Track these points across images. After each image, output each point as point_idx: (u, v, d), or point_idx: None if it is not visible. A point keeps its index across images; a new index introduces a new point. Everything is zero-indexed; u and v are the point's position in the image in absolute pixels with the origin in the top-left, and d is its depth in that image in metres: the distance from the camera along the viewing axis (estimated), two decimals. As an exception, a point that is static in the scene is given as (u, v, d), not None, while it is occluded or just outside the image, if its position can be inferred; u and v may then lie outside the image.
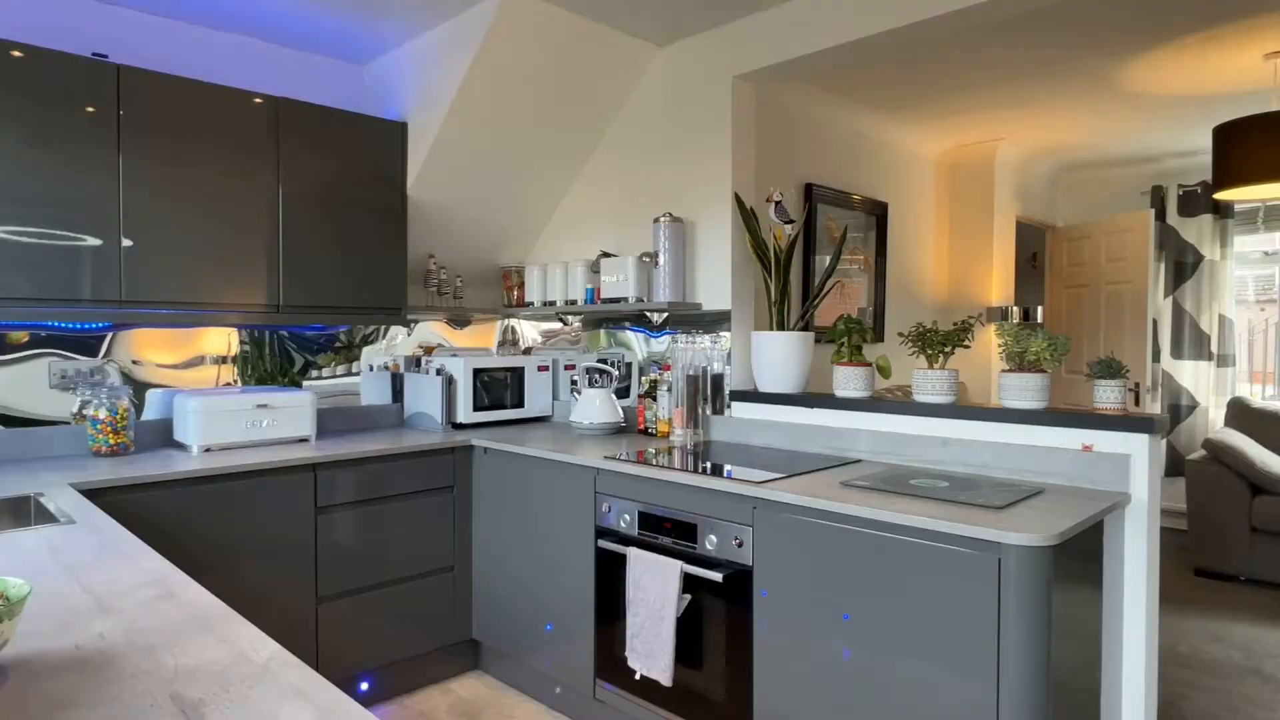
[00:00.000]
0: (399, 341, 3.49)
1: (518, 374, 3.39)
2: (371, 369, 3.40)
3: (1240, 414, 4.59)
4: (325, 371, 3.27)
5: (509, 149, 3.20)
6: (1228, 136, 3.30)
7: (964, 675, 1.68)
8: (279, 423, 2.76)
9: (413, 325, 3.54)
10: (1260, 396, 5.22)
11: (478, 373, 3.24)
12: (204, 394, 2.68)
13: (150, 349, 2.82)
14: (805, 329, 2.92)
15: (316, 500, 2.58)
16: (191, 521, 2.32)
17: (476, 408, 3.23)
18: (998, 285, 4.74)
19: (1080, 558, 1.84)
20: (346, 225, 2.94)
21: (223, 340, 2.99)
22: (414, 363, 3.50)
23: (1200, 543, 4.12)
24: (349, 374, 3.34)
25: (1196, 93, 3.75)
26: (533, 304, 3.47)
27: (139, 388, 2.78)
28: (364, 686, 2.73)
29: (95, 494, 2.16)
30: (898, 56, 3.33)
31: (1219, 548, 4.06)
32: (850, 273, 4.24)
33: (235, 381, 3.02)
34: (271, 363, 3.12)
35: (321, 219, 2.87)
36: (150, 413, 2.80)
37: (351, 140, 2.94)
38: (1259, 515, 3.94)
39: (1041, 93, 3.78)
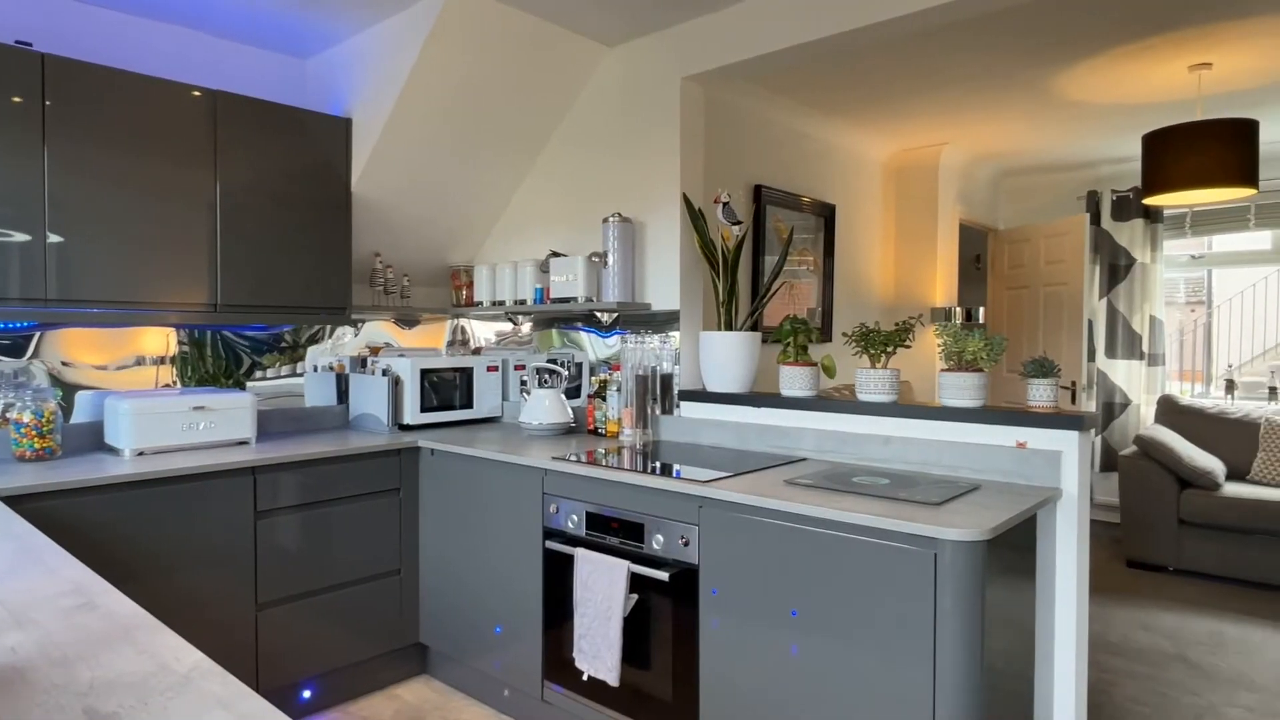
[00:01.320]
0: (346, 341, 3.43)
1: (466, 374, 3.36)
2: (316, 369, 3.33)
3: (1169, 411, 4.78)
4: (270, 372, 3.19)
5: (456, 147, 3.16)
6: (1156, 144, 3.44)
7: (904, 667, 1.71)
8: (217, 425, 2.69)
9: (359, 325, 3.48)
10: (1190, 394, 5.44)
11: (425, 373, 3.20)
12: (137, 396, 2.59)
13: (81, 349, 2.71)
14: (754, 329, 2.95)
15: (256, 504, 2.51)
16: (123, 528, 2.24)
17: (424, 409, 3.19)
18: (942, 286, 4.85)
19: (1014, 551, 1.89)
20: (288, 223, 2.87)
21: (161, 340, 2.90)
22: (360, 363, 3.44)
23: (1132, 535, 4.28)
24: (294, 374, 3.26)
25: (1127, 102, 3.89)
26: (482, 304, 3.44)
27: (69, 390, 2.68)
28: (306, 694, 2.67)
29: (16, 501, 2.07)
30: (845, 61, 3.39)
31: (1149, 540, 4.22)
32: (799, 273, 4.29)
33: (175, 383, 2.93)
34: (215, 364, 3.03)
35: (262, 216, 2.80)
36: (80, 415, 2.70)
37: (293, 136, 2.87)
38: (1186, 508, 4.10)
39: (983, 99, 3.88)
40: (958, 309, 4.80)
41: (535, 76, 3.08)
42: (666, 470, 2.28)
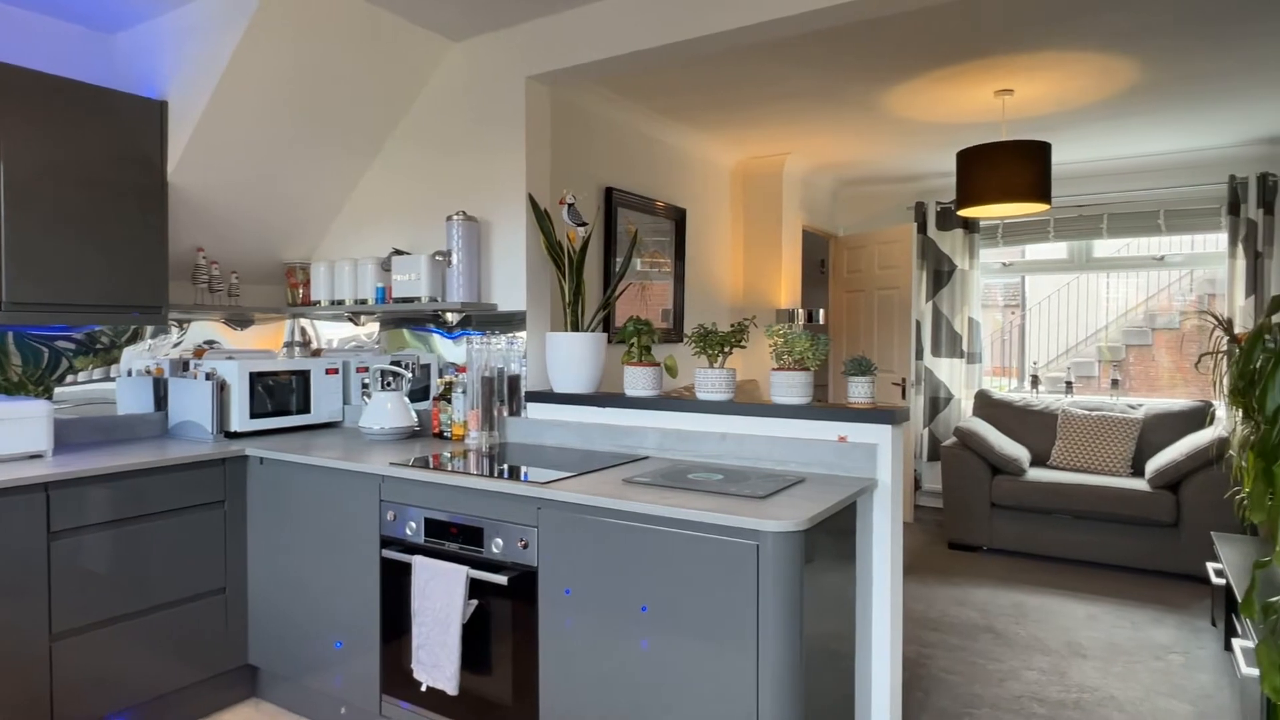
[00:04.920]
0: (171, 342, 3.16)
1: (303, 377, 3.18)
2: (130, 374, 3.05)
3: (984, 404, 5.25)
4: (82, 376, 2.90)
5: (289, 137, 2.99)
6: (967, 161, 3.76)
7: (734, 653, 1.78)
8: (2, 437, 2.40)
9: (185, 325, 3.22)
10: (1006, 389, 5.99)
11: (256, 377, 3.00)
12: (-101, 406, 2.27)
13: None
14: (605, 329, 2.98)
15: (49, 524, 2.27)
16: (-123, 557, 1.96)
17: (255, 414, 3.00)
18: (786, 288, 5.09)
19: (835, 538, 2.01)
20: (92, 213, 2.61)
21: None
22: (181, 366, 3.19)
23: (952, 519, 4.66)
24: (107, 379, 2.98)
25: (945, 121, 4.23)
26: (320, 303, 3.27)
27: None
28: (114, 729, 2.44)
29: None
30: (691, 68, 3.49)
31: (966, 522, 4.62)
32: (652, 275, 4.38)
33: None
34: (26, 369, 2.72)
35: (59, 205, 2.53)
36: None
37: (97, 118, 2.62)
38: (997, 492, 4.52)
39: (820, 112, 4.11)
40: (800, 310, 5.06)
41: (374, 67, 2.96)
42: (514, 473, 2.25)
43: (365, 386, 3.33)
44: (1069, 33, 3.05)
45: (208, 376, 2.96)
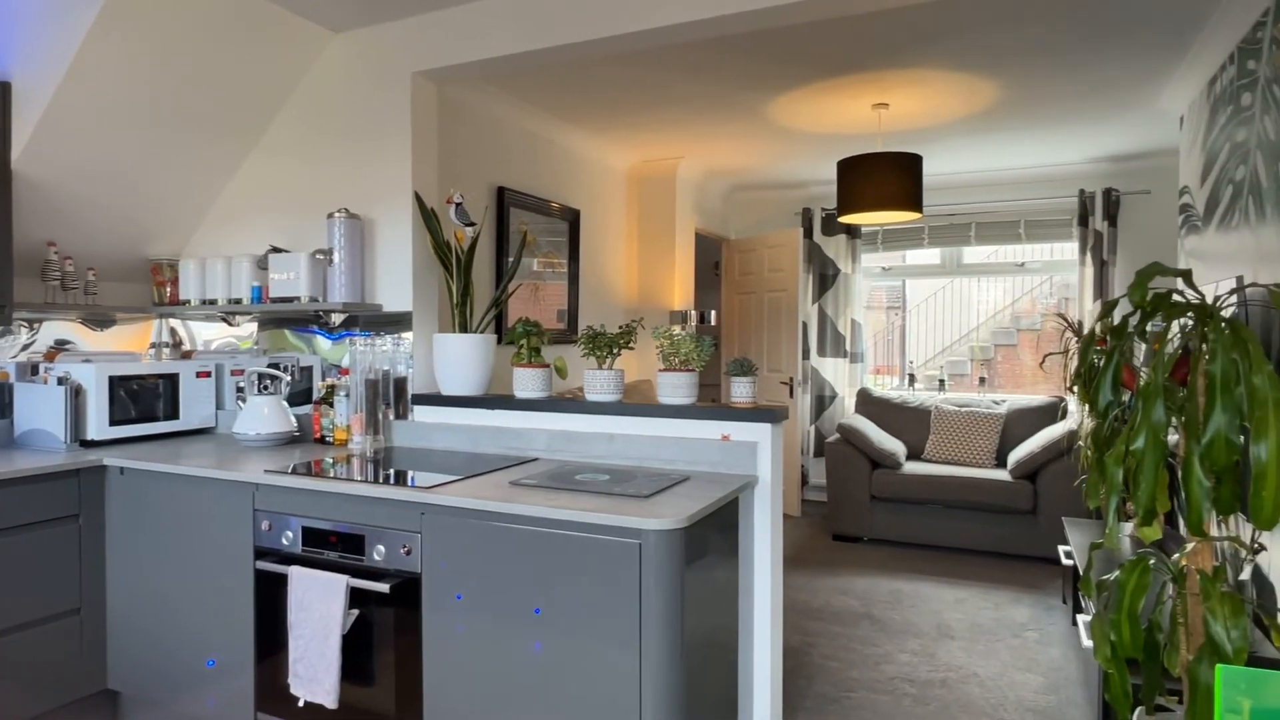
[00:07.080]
0: (20, 343, 2.91)
1: (171, 381, 3.00)
2: (-32, 379, 2.79)
3: (866, 402, 5.52)
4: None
5: (152, 126, 2.81)
6: (846, 170, 3.94)
7: (618, 650, 1.81)
8: None
9: (35, 325, 2.97)
10: (887, 387, 6.31)
11: (117, 381, 2.81)
12: None
13: None
14: (498, 331, 2.94)
15: None
16: None
17: (115, 421, 2.80)
18: (680, 290, 5.19)
19: (718, 533, 2.08)
20: (-81, 202, 2.38)
21: None
22: (30, 369, 2.94)
23: (836, 512, 4.88)
24: (-59, 385, 2.71)
25: (827, 131, 4.42)
26: (190, 302, 3.09)
27: None
28: (-52, 768, 2.23)
29: None
30: (581, 71, 3.50)
31: (849, 515, 4.84)
32: (546, 276, 4.37)
33: None
34: None
35: (-122, 193, 2.30)
36: None
37: (-75, 98, 2.39)
38: (876, 485, 4.76)
39: (710, 118, 4.21)
40: (693, 312, 5.16)
41: (247, 55, 2.82)
42: (398, 478, 2.20)
43: (240, 390, 3.17)
44: (938, 53, 3.25)
45: (60, 381, 2.75)
